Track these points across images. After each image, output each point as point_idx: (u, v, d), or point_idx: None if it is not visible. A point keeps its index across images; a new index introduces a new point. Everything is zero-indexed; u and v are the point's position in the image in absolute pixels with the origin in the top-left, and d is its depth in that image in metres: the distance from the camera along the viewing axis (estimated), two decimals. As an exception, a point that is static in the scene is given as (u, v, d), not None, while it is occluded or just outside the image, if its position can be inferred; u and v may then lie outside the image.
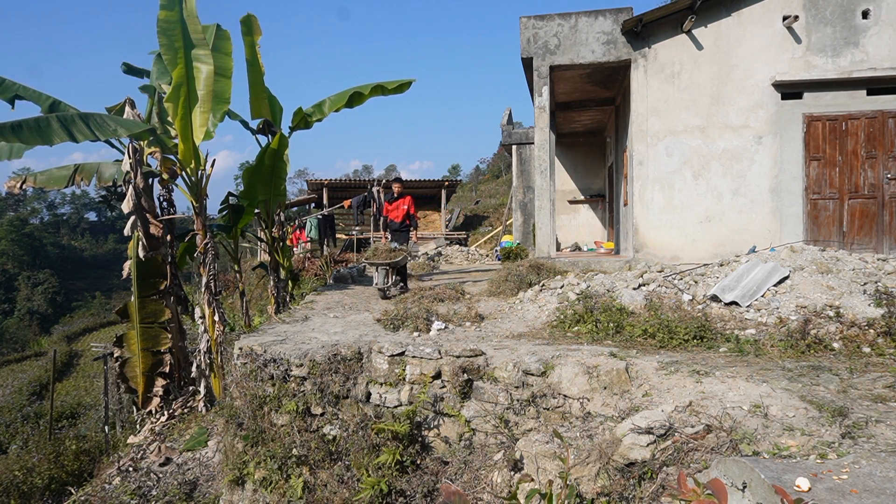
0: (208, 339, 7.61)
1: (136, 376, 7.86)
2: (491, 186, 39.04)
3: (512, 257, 11.89)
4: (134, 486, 6.12)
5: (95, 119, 6.53)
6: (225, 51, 7.69)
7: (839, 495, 2.24)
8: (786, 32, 8.41)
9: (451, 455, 4.28)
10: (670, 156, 8.80)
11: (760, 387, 3.58)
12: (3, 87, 7.35)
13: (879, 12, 8.17)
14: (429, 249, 19.06)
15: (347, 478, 4.36)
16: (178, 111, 7.27)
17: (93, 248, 69.91)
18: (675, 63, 8.77)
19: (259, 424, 4.88)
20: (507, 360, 4.41)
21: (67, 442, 8.41)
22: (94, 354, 12.95)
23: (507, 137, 16.55)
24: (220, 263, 11.87)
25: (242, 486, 4.94)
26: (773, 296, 5.54)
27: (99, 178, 8.19)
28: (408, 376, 4.60)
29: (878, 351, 4.49)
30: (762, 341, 4.76)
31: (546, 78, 9.23)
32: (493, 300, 7.37)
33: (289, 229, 14.39)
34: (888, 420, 3.11)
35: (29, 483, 7.31)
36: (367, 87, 8.58)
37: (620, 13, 8.91)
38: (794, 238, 8.36)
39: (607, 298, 5.92)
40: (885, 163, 8.31)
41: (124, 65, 9.11)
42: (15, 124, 5.87)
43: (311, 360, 4.84)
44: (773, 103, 8.49)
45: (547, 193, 9.47)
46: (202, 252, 7.64)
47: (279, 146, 8.39)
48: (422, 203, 26.83)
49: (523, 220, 16.51)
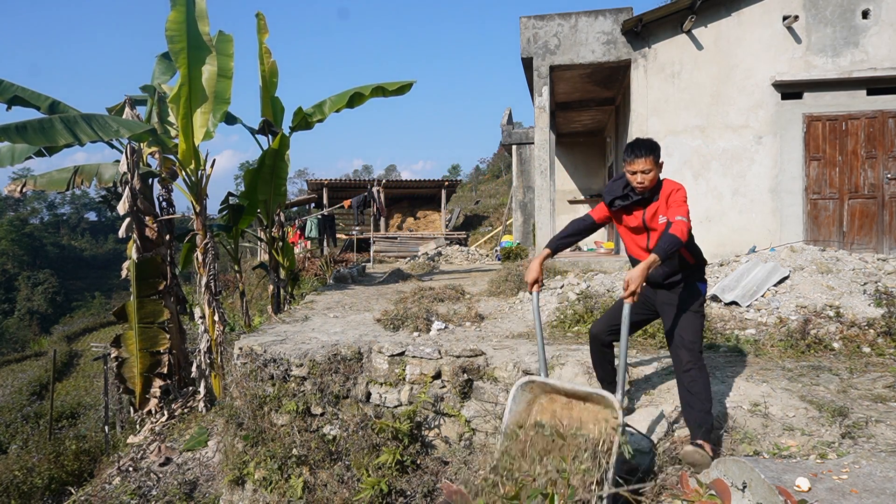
0: (208, 339, 7.61)
1: (134, 377, 7.85)
2: (491, 186, 39.05)
3: (512, 257, 11.89)
4: (134, 486, 6.12)
5: (98, 120, 6.54)
6: (226, 52, 7.70)
7: (839, 495, 2.24)
8: (786, 32, 8.41)
9: (451, 455, 4.28)
10: (670, 156, 8.80)
11: (760, 387, 3.58)
12: (2, 88, 7.35)
13: (879, 12, 8.17)
14: (429, 249, 19.07)
15: (347, 478, 4.36)
16: (180, 111, 7.29)
17: (93, 248, 69.89)
18: (675, 63, 8.77)
19: (259, 424, 4.88)
20: (507, 360, 4.41)
21: (67, 442, 8.41)
22: (94, 354, 12.93)
23: (507, 137, 16.55)
24: (220, 263, 11.87)
25: (242, 486, 4.93)
26: (773, 296, 5.54)
27: (99, 179, 8.19)
28: (408, 376, 4.59)
29: (878, 351, 4.49)
30: (762, 341, 4.76)
31: (546, 78, 9.23)
32: (493, 300, 7.37)
33: (289, 229, 14.39)
34: (888, 420, 3.11)
35: (29, 483, 7.31)
36: (367, 88, 8.58)
37: (620, 13, 8.91)
38: (794, 238, 8.36)
39: (607, 298, 5.92)
40: (885, 163, 8.31)
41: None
42: (20, 125, 5.88)
43: (311, 360, 4.84)
44: (773, 103, 8.49)
45: (547, 193, 9.47)
46: (202, 252, 7.65)
47: (280, 146, 8.39)
48: (422, 203, 26.84)
49: (523, 220, 16.51)
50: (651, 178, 3.12)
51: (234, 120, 8.82)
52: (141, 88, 8.82)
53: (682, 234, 2.90)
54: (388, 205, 25.26)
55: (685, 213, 3.01)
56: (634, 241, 3.36)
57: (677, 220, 2.96)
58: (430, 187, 24.77)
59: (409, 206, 26.70)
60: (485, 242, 22.66)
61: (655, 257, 2.86)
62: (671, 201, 3.11)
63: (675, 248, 2.89)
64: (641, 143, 3.14)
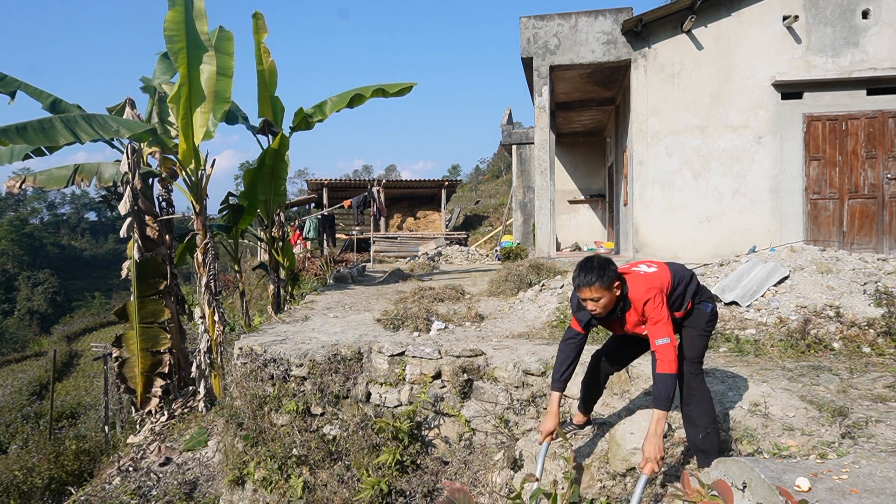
0: (208, 339, 7.61)
1: (135, 376, 7.85)
2: (491, 186, 39.03)
3: (512, 257, 11.89)
4: (134, 486, 6.12)
5: (98, 120, 6.54)
6: (227, 51, 7.68)
7: (839, 495, 2.24)
8: (786, 32, 8.41)
9: (451, 455, 4.28)
10: (670, 156, 8.81)
11: (760, 387, 3.58)
12: (5, 82, 7.37)
13: (879, 12, 8.17)
14: (429, 249, 19.06)
15: (347, 478, 4.36)
16: (179, 111, 7.29)
17: (93, 248, 69.89)
18: (675, 63, 8.77)
19: (259, 424, 4.88)
20: (507, 360, 4.41)
21: (67, 442, 8.40)
22: (94, 354, 12.94)
23: (507, 137, 16.54)
24: (220, 263, 11.87)
25: (242, 486, 4.94)
26: (773, 296, 5.54)
27: (99, 178, 8.19)
28: (408, 376, 4.59)
29: (878, 351, 4.49)
30: (762, 341, 4.76)
31: (546, 78, 9.23)
32: (493, 300, 7.37)
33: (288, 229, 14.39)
34: (888, 420, 3.11)
35: (29, 483, 7.30)
36: (368, 90, 8.58)
37: (620, 13, 8.91)
38: (794, 238, 8.36)
39: (607, 298, 5.91)
40: (885, 163, 8.31)
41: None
42: (20, 126, 5.88)
43: (311, 360, 4.84)
44: (774, 103, 8.49)
45: (547, 193, 9.47)
46: (202, 252, 7.64)
47: (280, 146, 8.39)
48: (422, 203, 26.83)
49: (523, 220, 16.51)
50: (604, 305, 2.81)
51: (235, 119, 8.81)
52: (141, 89, 8.81)
53: (672, 366, 2.70)
54: (388, 205, 25.25)
55: (668, 331, 2.76)
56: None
57: (659, 346, 2.73)
58: (430, 187, 24.77)
59: (409, 206, 26.70)
60: (485, 242, 22.65)
61: (661, 413, 2.68)
62: (649, 316, 2.82)
63: (673, 386, 2.71)
64: (587, 268, 2.80)
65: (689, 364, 2.95)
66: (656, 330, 2.77)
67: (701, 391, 2.93)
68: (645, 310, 2.81)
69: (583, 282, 2.79)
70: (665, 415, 2.69)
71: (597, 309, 2.83)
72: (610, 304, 2.83)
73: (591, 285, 2.77)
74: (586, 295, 2.81)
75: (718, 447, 2.92)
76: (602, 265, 2.79)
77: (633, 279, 2.89)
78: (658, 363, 2.73)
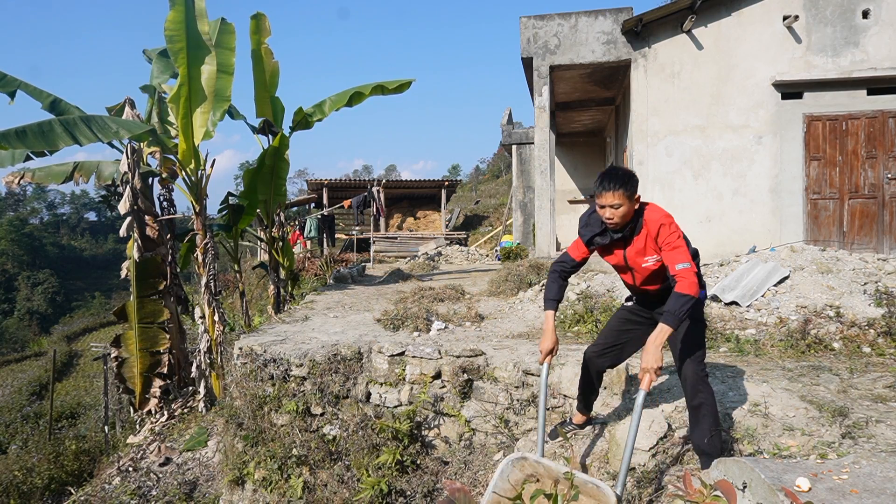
0: (208, 339, 7.61)
1: (134, 377, 7.85)
2: (491, 186, 39.06)
3: (512, 257, 11.89)
4: (134, 486, 6.12)
5: (97, 121, 6.53)
6: (228, 46, 7.63)
7: (839, 495, 2.23)
8: (786, 32, 8.41)
9: (451, 455, 4.28)
10: (670, 156, 8.81)
11: (760, 387, 3.58)
12: (5, 82, 7.36)
13: (879, 12, 8.17)
14: (429, 249, 19.06)
15: (347, 478, 4.36)
16: (179, 111, 7.28)
17: (93, 248, 69.90)
18: (675, 63, 8.77)
19: (259, 424, 4.87)
20: (507, 360, 4.41)
21: (67, 442, 8.40)
22: (94, 354, 12.94)
23: (507, 137, 16.54)
24: (220, 263, 11.87)
25: (242, 486, 4.93)
26: (773, 296, 5.54)
27: (98, 176, 8.19)
28: (408, 376, 4.59)
29: (878, 351, 4.49)
30: (762, 341, 4.76)
31: (546, 78, 9.23)
32: (493, 300, 7.37)
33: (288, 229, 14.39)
34: (888, 420, 3.11)
35: (29, 483, 7.31)
36: (367, 87, 8.59)
37: (620, 13, 8.91)
38: (794, 238, 8.36)
39: (607, 298, 5.92)
40: (886, 163, 8.31)
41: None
42: (20, 130, 5.89)
43: (311, 360, 4.84)
44: (774, 103, 8.49)
45: (547, 193, 9.47)
46: (202, 252, 7.64)
47: (280, 146, 8.39)
48: (422, 203, 26.84)
49: (523, 220, 16.51)
50: (622, 215, 2.77)
51: (237, 116, 8.78)
52: (141, 88, 8.81)
53: (693, 288, 2.58)
54: (388, 205, 25.28)
55: (687, 257, 2.67)
56: (620, 274, 3.15)
57: (679, 270, 2.63)
58: (430, 187, 24.78)
59: (409, 206, 26.71)
60: (485, 242, 22.65)
61: (666, 328, 2.59)
62: (664, 242, 2.74)
63: (690, 308, 2.58)
64: (612, 174, 2.76)
65: (694, 364, 2.92)
66: (675, 255, 2.69)
67: (706, 392, 2.92)
68: (660, 234, 2.75)
69: (607, 187, 2.74)
70: (670, 331, 2.60)
71: (614, 218, 2.78)
72: (628, 215, 2.79)
73: (614, 190, 2.72)
74: (607, 201, 2.76)
75: (721, 449, 2.92)
76: (628, 174, 2.77)
77: (652, 205, 2.87)
78: (679, 283, 2.63)
